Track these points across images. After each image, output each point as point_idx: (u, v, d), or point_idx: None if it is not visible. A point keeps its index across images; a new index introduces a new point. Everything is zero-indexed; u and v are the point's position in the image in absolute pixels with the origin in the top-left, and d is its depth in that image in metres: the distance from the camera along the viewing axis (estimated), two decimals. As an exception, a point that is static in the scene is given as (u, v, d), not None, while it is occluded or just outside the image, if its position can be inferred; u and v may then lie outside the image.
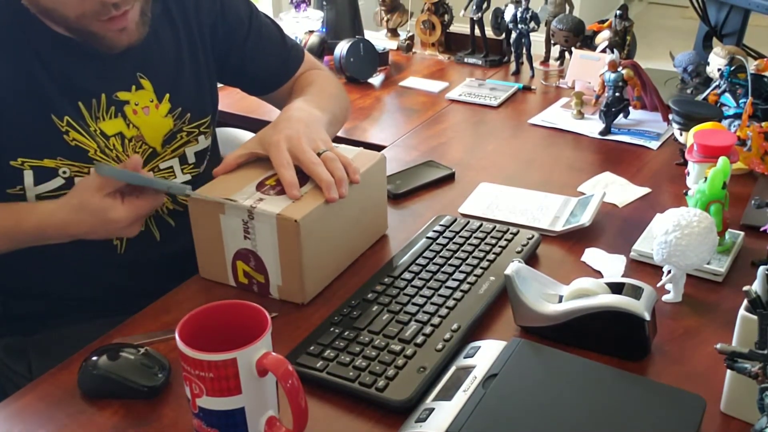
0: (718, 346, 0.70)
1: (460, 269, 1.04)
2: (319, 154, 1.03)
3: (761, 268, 0.80)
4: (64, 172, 1.06)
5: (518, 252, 1.08)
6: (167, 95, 1.14)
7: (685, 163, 1.24)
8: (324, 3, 2.00)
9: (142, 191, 1.01)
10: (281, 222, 0.96)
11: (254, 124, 1.65)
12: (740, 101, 1.37)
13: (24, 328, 1.17)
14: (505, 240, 1.10)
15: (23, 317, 1.18)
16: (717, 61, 1.48)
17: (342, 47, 1.82)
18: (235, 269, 1.03)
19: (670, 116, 1.37)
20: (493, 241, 1.10)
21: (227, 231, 1.00)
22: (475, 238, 1.11)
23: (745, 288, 0.74)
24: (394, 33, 2.09)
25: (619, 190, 1.28)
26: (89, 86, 1.07)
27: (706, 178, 1.03)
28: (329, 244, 1.03)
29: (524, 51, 1.81)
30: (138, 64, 1.11)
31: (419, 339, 0.90)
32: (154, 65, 1.13)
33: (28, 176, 1.04)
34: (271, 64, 1.30)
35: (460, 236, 1.12)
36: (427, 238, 1.11)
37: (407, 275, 1.03)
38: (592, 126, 1.52)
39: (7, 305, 1.18)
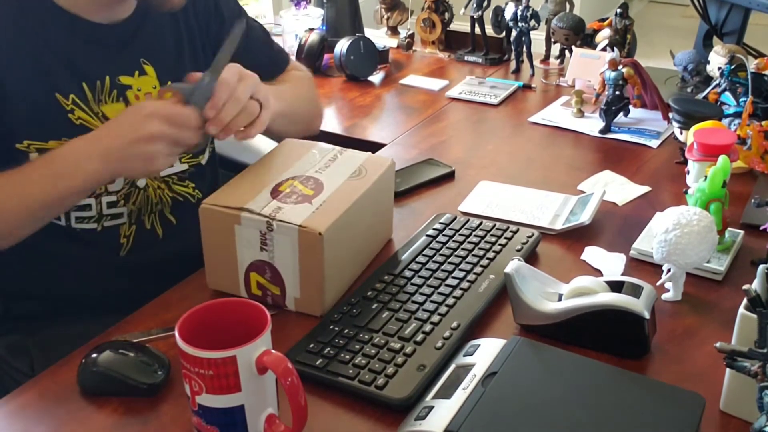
0: (718, 344, 0.71)
1: (459, 267, 1.04)
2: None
3: (761, 267, 0.80)
4: None
5: (518, 250, 1.08)
6: (169, 83, 1.14)
7: (685, 162, 1.24)
8: (324, 1, 1.99)
9: None
10: (303, 234, 0.92)
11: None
12: (740, 100, 1.37)
13: (26, 327, 1.17)
14: (505, 238, 1.10)
15: (25, 317, 1.18)
16: (717, 60, 1.48)
17: (342, 45, 1.82)
18: (248, 281, 0.99)
19: (670, 115, 1.37)
20: (493, 240, 1.10)
21: (242, 242, 0.96)
22: (475, 236, 1.11)
23: (745, 287, 0.74)
24: (394, 31, 2.09)
25: (619, 188, 1.28)
26: (92, 69, 1.07)
27: (706, 176, 1.03)
28: (347, 253, 1.01)
29: (524, 49, 1.81)
30: (142, 50, 1.12)
31: (419, 337, 0.90)
32: (157, 52, 1.14)
33: (34, 159, 1.04)
34: (258, 66, 1.30)
35: (460, 234, 1.11)
36: (427, 236, 1.11)
37: (407, 273, 1.02)
38: (592, 124, 1.52)
39: (9, 306, 1.18)
